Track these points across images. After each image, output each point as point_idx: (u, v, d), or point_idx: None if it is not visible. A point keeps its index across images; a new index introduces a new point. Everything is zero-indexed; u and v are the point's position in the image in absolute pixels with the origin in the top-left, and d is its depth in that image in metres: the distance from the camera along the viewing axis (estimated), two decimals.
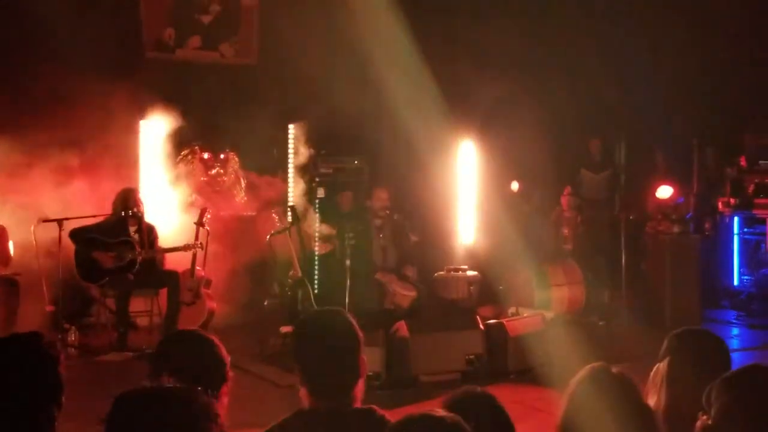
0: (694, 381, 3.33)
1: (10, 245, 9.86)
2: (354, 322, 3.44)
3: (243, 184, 12.07)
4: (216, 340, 3.37)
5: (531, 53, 12.93)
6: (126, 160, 11.09)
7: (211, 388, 3.14)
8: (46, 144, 10.22)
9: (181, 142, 11.64)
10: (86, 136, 10.54)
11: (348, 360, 3.39)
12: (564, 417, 2.81)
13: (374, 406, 3.34)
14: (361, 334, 3.44)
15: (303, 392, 3.40)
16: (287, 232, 10.21)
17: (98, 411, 2.36)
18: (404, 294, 10.15)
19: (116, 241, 9.78)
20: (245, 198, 12.05)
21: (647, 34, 13.19)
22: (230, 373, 3.32)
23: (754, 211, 12.60)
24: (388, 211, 10.29)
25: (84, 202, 10.27)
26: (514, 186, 13.32)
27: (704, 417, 2.77)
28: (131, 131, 11.14)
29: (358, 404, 3.35)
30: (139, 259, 9.79)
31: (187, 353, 3.28)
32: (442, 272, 11.26)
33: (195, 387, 2.41)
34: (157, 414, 2.26)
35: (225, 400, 3.27)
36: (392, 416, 3.20)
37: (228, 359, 3.34)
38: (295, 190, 11.67)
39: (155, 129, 11.27)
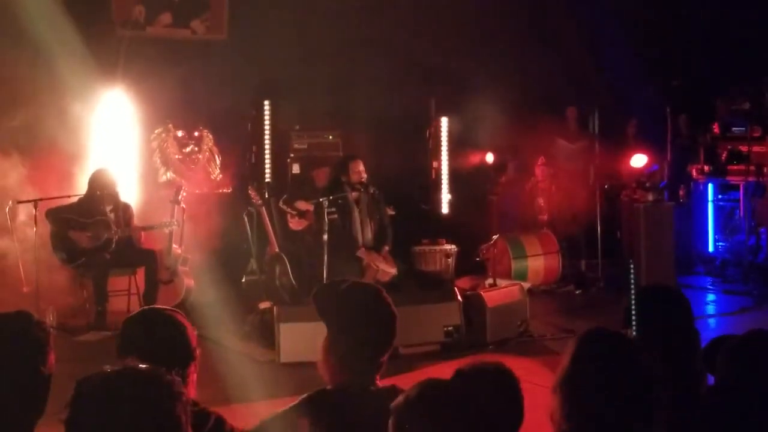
0: (663, 347, 3.37)
1: None
2: (389, 299, 3.39)
3: (218, 161, 12.03)
4: (182, 317, 3.31)
5: (504, 24, 12.92)
6: (98, 139, 11.02)
7: (178, 367, 3.13)
8: (17, 125, 10.15)
9: (154, 121, 11.59)
10: (57, 117, 10.45)
11: (387, 336, 3.34)
12: (566, 373, 2.82)
13: (396, 384, 3.29)
14: (396, 311, 3.38)
15: (331, 367, 3.32)
16: (263, 208, 10.20)
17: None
18: (387, 271, 10.15)
19: (92, 220, 9.75)
20: (220, 175, 12.03)
21: (619, 2, 13.21)
22: (198, 351, 3.28)
23: (728, 178, 12.68)
24: (363, 181, 10.21)
25: (57, 183, 10.21)
26: (489, 158, 13.35)
27: None
28: (103, 111, 11.06)
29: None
30: (115, 238, 9.77)
31: (152, 333, 3.23)
32: (419, 246, 11.31)
33: (158, 367, 2.39)
34: (120, 396, 2.25)
35: (193, 377, 3.24)
36: None
37: (195, 337, 3.28)
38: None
39: (128, 108, 11.22)
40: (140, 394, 2.26)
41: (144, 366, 2.38)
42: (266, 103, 11.94)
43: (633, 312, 3.53)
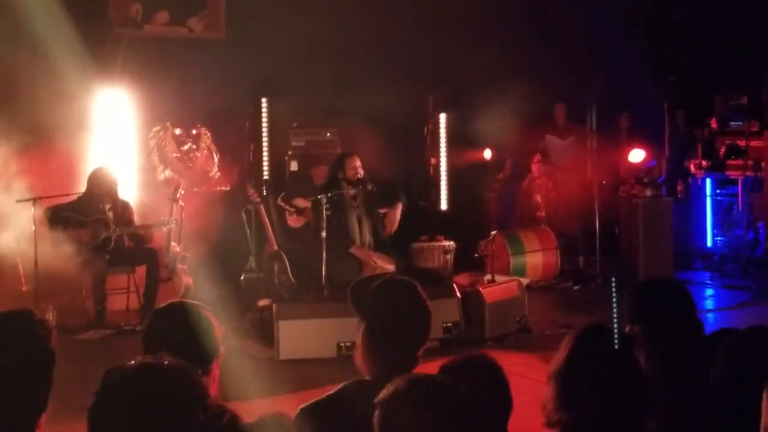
0: (668, 342, 3.37)
1: None
2: (424, 294, 3.41)
3: (216, 159, 12.04)
4: (209, 313, 3.31)
5: (503, 21, 12.92)
6: (97, 137, 11.03)
7: (202, 363, 3.14)
8: (15, 123, 10.14)
9: (152, 119, 11.59)
10: (55, 115, 10.45)
11: (423, 329, 3.36)
12: (561, 367, 2.82)
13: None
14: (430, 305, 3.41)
15: (369, 361, 3.32)
16: (261, 205, 10.20)
17: (79, 390, 2.36)
18: (385, 267, 10.14)
19: (91, 219, 9.74)
20: (218, 173, 12.03)
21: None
22: (223, 348, 3.29)
23: (726, 173, 12.69)
24: (360, 177, 10.16)
25: (55, 182, 10.20)
26: (487, 154, 13.35)
27: None
28: (101, 109, 11.07)
29: None
30: (114, 236, 9.77)
31: (180, 326, 3.21)
32: (417, 242, 11.31)
33: (186, 364, 2.41)
34: (146, 389, 2.27)
35: (216, 374, 3.25)
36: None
37: (220, 334, 3.30)
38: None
39: (126, 106, 11.22)
40: (166, 390, 2.28)
41: (174, 361, 2.39)
42: (264, 100, 11.95)
43: (635, 306, 3.53)
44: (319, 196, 9.76)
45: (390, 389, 2.50)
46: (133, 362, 2.37)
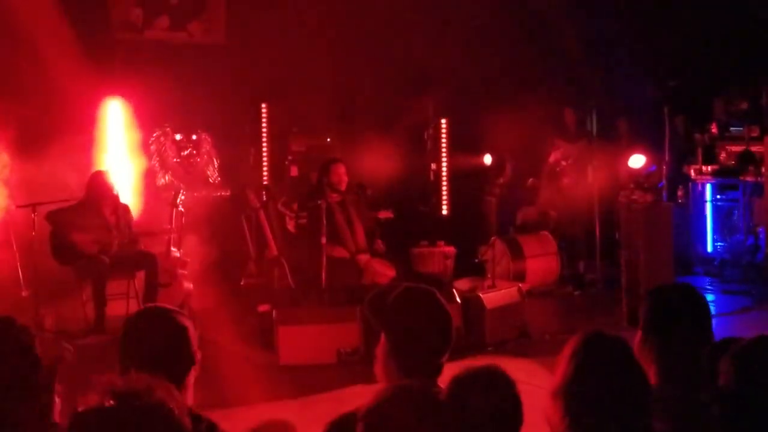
0: (687, 350, 3.34)
1: None
2: (443, 300, 3.40)
3: (216, 164, 12.04)
4: (184, 317, 3.22)
5: (503, 25, 12.91)
6: (97, 142, 11.03)
7: (178, 373, 3.04)
8: (15, 128, 10.14)
9: (152, 124, 11.59)
10: (57, 120, 10.45)
11: (446, 336, 3.36)
12: (565, 380, 2.78)
13: None
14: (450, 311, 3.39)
15: (393, 372, 3.27)
16: (261, 211, 10.19)
17: (78, 395, 2.33)
18: (384, 274, 10.12)
19: (92, 223, 9.73)
20: (219, 178, 12.03)
21: (617, 3, 13.23)
22: (199, 354, 3.20)
23: (727, 178, 12.66)
24: (344, 184, 10.12)
25: (56, 187, 10.20)
26: (487, 159, 13.33)
27: None
28: (101, 114, 11.06)
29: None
30: (116, 241, 9.75)
31: (152, 334, 3.13)
32: (418, 247, 11.29)
33: (162, 402, 2.17)
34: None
35: (192, 381, 3.15)
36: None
37: (196, 339, 3.20)
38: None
39: (126, 111, 11.22)
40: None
41: (145, 400, 2.17)
42: (263, 105, 11.95)
43: (650, 315, 3.50)
44: (318, 201, 9.74)
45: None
46: (105, 405, 2.14)
